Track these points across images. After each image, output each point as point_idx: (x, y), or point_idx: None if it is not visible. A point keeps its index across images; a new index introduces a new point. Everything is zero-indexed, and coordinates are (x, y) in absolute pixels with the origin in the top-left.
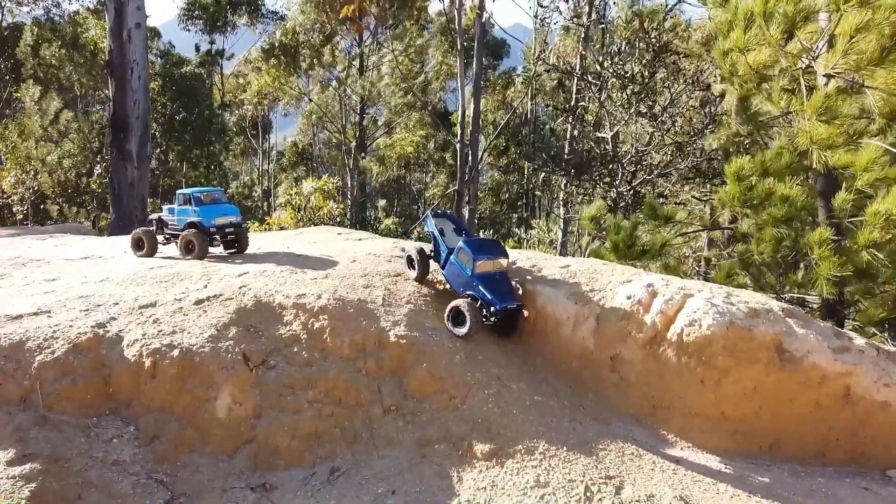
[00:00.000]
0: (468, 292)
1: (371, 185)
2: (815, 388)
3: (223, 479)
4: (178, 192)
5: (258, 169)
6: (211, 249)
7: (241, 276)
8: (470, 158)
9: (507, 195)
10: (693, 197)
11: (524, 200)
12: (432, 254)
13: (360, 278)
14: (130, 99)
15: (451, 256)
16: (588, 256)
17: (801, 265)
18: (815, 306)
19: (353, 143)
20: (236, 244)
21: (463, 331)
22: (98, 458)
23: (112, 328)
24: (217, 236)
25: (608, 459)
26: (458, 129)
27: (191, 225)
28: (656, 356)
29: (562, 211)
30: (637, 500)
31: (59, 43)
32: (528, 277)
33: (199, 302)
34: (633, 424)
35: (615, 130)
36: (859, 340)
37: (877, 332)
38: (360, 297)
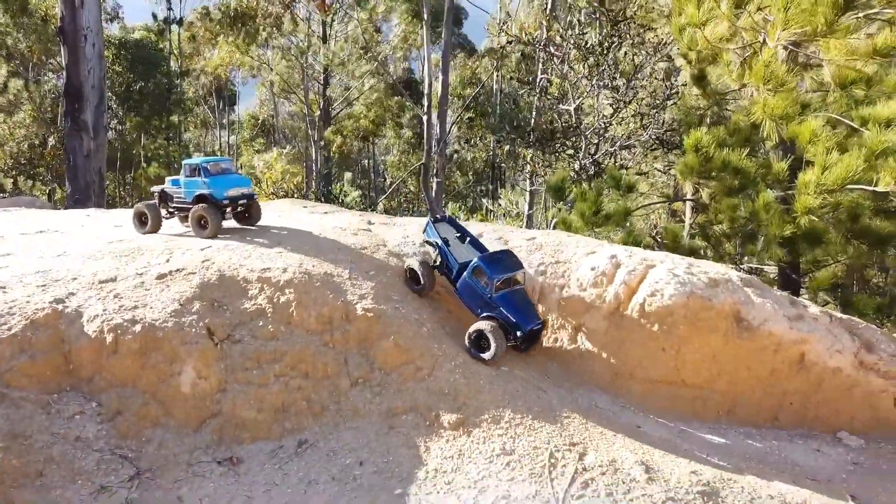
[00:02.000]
0: (488, 313)
1: (335, 157)
2: (771, 355)
3: (189, 454)
4: (185, 162)
5: (219, 141)
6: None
7: (204, 250)
8: (438, 131)
9: (472, 168)
10: (656, 169)
11: (490, 172)
12: (436, 264)
13: (326, 252)
14: (85, 67)
15: (466, 274)
16: (555, 224)
17: (760, 236)
18: (772, 276)
19: (318, 114)
20: (248, 216)
21: (488, 355)
22: (60, 434)
23: (71, 304)
24: (228, 209)
25: (572, 427)
26: (424, 101)
27: (200, 198)
28: (619, 326)
29: (527, 184)
30: (600, 466)
31: (4, 7)
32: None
33: (161, 276)
34: (597, 392)
35: (578, 103)
36: (813, 309)
37: (829, 300)
38: (326, 271)
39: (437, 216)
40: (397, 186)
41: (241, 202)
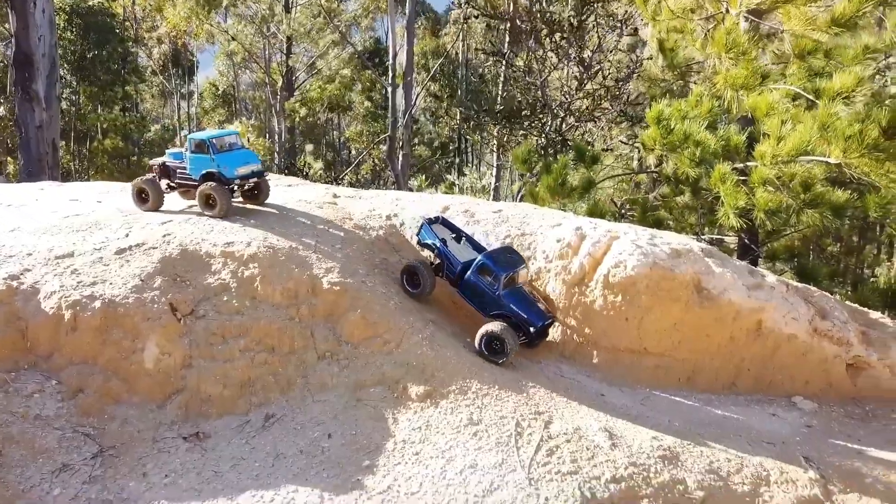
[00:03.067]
0: (496, 311)
1: (300, 129)
2: (730, 324)
3: (154, 430)
4: (190, 136)
5: (179, 112)
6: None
7: (164, 224)
8: (403, 103)
9: (438, 141)
10: (621, 141)
11: (456, 145)
12: (433, 265)
13: (291, 225)
14: (35, 34)
15: (470, 273)
16: (522, 196)
17: (719, 207)
18: (732, 246)
19: (280, 85)
20: (257, 194)
21: (502, 359)
22: (19, 413)
23: (27, 280)
24: (237, 187)
25: (538, 396)
26: (389, 72)
27: (208, 176)
28: (584, 296)
29: (494, 157)
30: (565, 433)
31: None
32: (464, 221)
33: (120, 251)
34: (562, 362)
35: (545, 77)
36: (771, 278)
37: (786, 269)
38: (291, 245)
39: (431, 217)
40: (363, 159)
41: (251, 180)
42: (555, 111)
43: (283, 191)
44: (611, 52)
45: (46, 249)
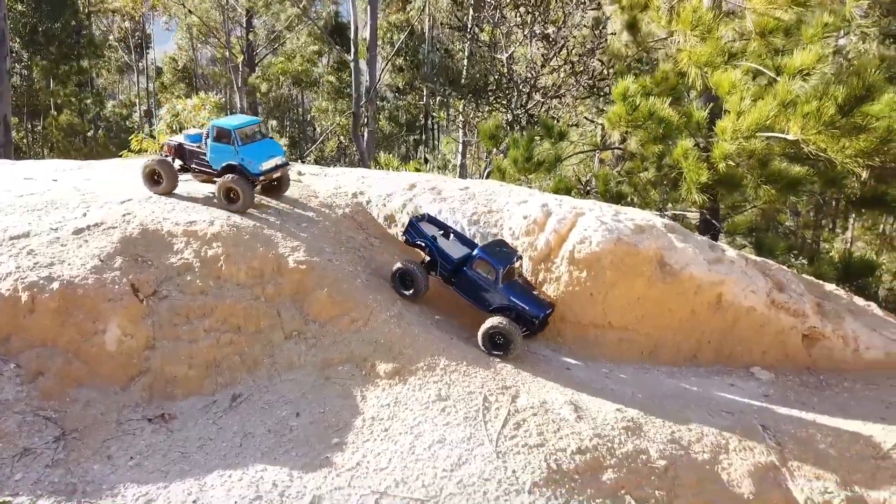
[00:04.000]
0: (496, 306)
1: (264, 105)
2: (692, 298)
3: (117, 412)
4: (213, 122)
5: (137, 88)
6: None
7: (124, 203)
8: (367, 78)
9: (404, 117)
10: (585, 118)
11: (422, 122)
12: (424, 263)
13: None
14: None
15: (466, 268)
16: (489, 171)
17: (681, 183)
18: (694, 221)
19: (241, 60)
20: (277, 187)
21: (504, 352)
22: None
23: None
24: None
25: (505, 371)
26: (352, 47)
27: (230, 168)
28: (550, 272)
29: (460, 134)
30: (531, 407)
31: None
32: (430, 199)
33: (78, 231)
34: (529, 338)
35: (511, 52)
36: (731, 252)
37: (745, 244)
38: (255, 223)
39: (417, 216)
40: (328, 136)
41: (275, 175)
42: (520, 87)
43: None
44: (575, 27)
45: (1, 230)
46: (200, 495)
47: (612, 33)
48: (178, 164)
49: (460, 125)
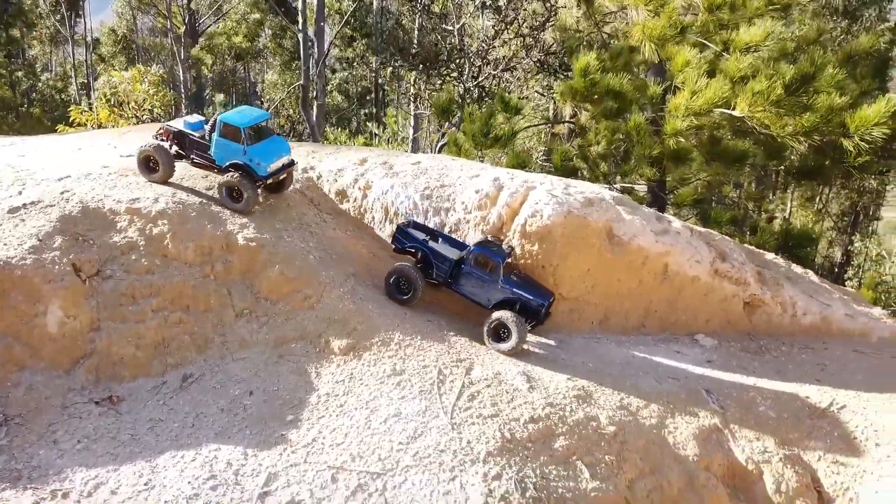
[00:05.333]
0: (500, 300)
1: (209, 78)
2: (640, 268)
3: (62, 395)
4: (221, 116)
5: (73, 59)
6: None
7: (61, 181)
8: (315, 50)
9: (354, 90)
10: (537, 92)
11: (373, 95)
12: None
13: (201, 179)
14: None
15: (465, 267)
16: (442, 145)
17: (632, 156)
18: (642, 194)
19: (182, 30)
20: (280, 186)
21: (508, 346)
22: None
23: None
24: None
25: (459, 345)
26: (300, 17)
27: (236, 165)
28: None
29: (412, 107)
30: (485, 379)
31: None
32: (382, 173)
33: (13, 210)
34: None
35: (461, 23)
36: (676, 223)
37: (691, 215)
38: (202, 200)
39: (404, 222)
40: (276, 109)
41: (281, 176)
42: (472, 59)
43: None
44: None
45: None
46: (152, 477)
47: (563, 6)
48: (173, 149)
49: (411, 98)
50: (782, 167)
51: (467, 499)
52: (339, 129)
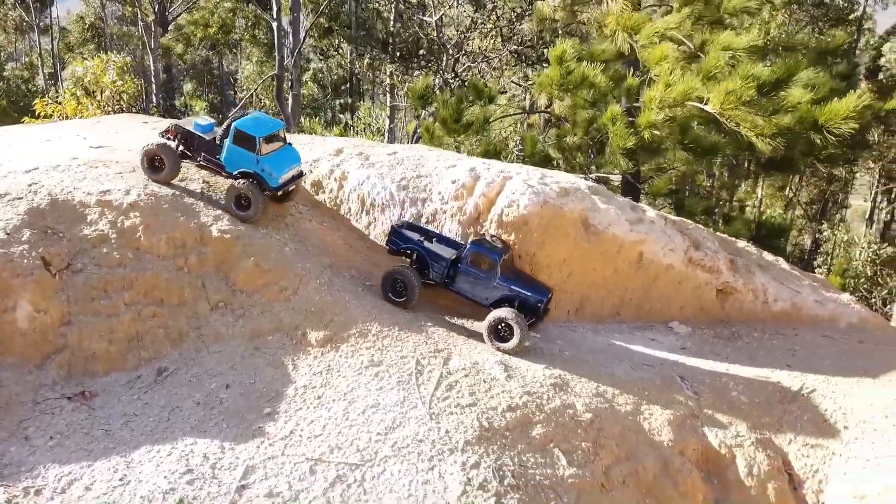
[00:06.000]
0: (498, 297)
1: (182, 68)
2: (615, 257)
3: (34, 391)
4: (236, 123)
5: (39, 48)
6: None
7: (29, 173)
8: (290, 40)
9: (329, 80)
10: (513, 82)
11: (348, 85)
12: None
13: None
14: None
15: (462, 265)
16: (418, 136)
17: (607, 147)
18: (616, 184)
19: (151, 18)
20: (286, 197)
21: (511, 345)
22: None
23: None
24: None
25: (437, 335)
26: (274, 6)
27: (246, 174)
28: (479, 235)
29: (388, 98)
30: (463, 369)
31: None
32: (358, 164)
33: None
34: (460, 301)
35: (440, 14)
36: (651, 212)
37: (665, 205)
38: (175, 192)
39: (398, 223)
40: (249, 99)
41: (290, 186)
42: (449, 50)
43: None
44: None
45: None
46: (127, 472)
47: None
48: (179, 149)
49: (387, 89)
50: (753, 158)
51: (446, 488)
52: (315, 120)
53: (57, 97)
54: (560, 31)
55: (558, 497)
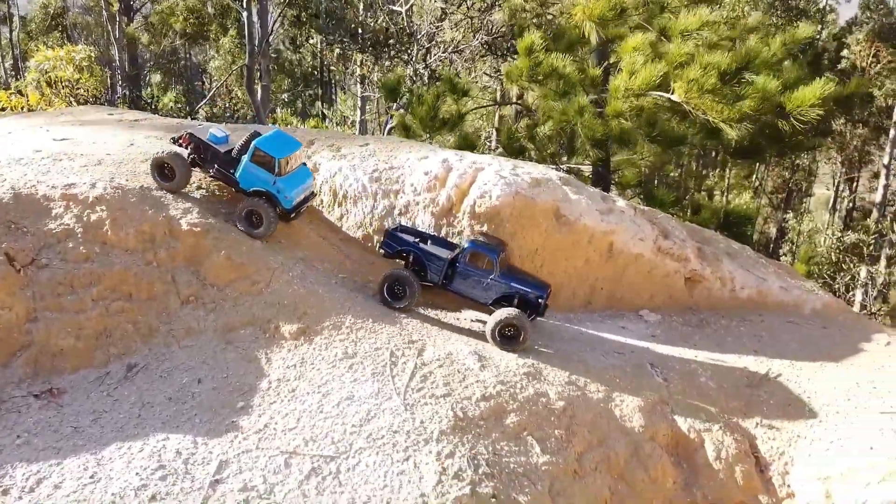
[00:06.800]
0: (498, 296)
1: (149, 58)
2: (586, 246)
3: None
4: (256, 142)
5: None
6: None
7: None
8: (259, 30)
9: (299, 71)
10: (485, 73)
11: (318, 76)
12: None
13: (140, 163)
14: None
15: (460, 265)
16: (391, 127)
17: (577, 138)
18: (587, 174)
19: (116, 7)
20: (297, 214)
21: (519, 344)
22: None
23: None
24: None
25: (411, 326)
26: None
27: (259, 192)
28: (452, 227)
29: (359, 89)
30: (437, 359)
31: None
32: (330, 156)
33: None
34: (434, 292)
35: (410, 4)
36: (621, 202)
37: (634, 195)
38: (142, 185)
39: (392, 227)
40: (218, 91)
41: (302, 208)
42: (420, 41)
43: (129, 126)
44: None
45: None
46: (98, 470)
47: None
48: (189, 157)
49: (358, 80)
50: (720, 146)
51: (421, 478)
52: (286, 111)
53: (19, 88)
54: (530, 23)
55: (532, 484)
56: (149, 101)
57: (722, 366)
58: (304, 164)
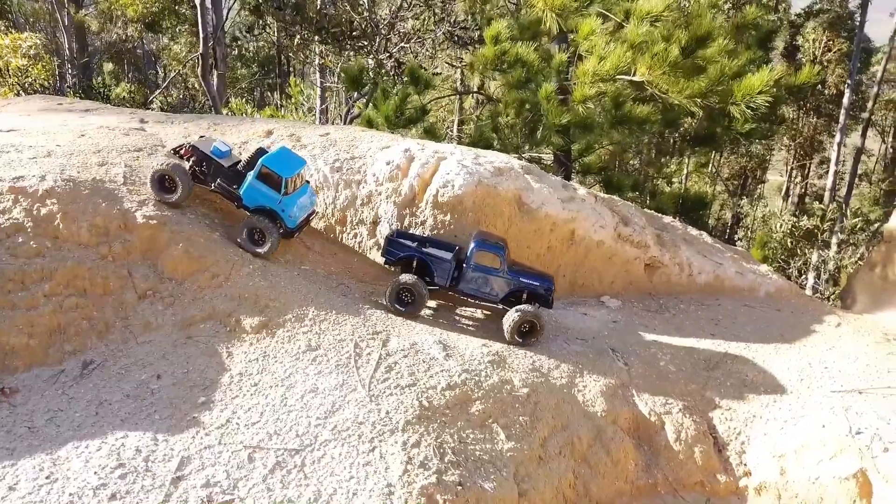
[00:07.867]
0: (508, 292)
1: (96, 46)
2: (548, 234)
3: None
4: (263, 160)
5: None
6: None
7: None
8: (214, 16)
9: (256, 59)
10: (447, 63)
11: (276, 64)
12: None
13: (92, 155)
14: None
15: (467, 266)
16: (352, 117)
17: (540, 125)
18: (548, 162)
19: None
20: (298, 230)
21: (534, 339)
22: None
23: None
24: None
25: (375, 317)
26: None
27: (262, 210)
28: (415, 217)
29: (318, 78)
30: (402, 350)
31: None
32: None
33: None
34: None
35: None
36: (582, 190)
37: (595, 182)
38: (95, 177)
39: (392, 232)
40: (173, 80)
41: (304, 226)
42: (381, 30)
43: (80, 116)
44: None
45: None
46: (54, 470)
47: None
48: (190, 170)
49: (317, 69)
50: (677, 134)
51: (387, 468)
52: (245, 100)
53: None
54: (495, 13)
55: (498, 470)
56: (100, 90)
57: (681, 349)
58: (308, 182)
